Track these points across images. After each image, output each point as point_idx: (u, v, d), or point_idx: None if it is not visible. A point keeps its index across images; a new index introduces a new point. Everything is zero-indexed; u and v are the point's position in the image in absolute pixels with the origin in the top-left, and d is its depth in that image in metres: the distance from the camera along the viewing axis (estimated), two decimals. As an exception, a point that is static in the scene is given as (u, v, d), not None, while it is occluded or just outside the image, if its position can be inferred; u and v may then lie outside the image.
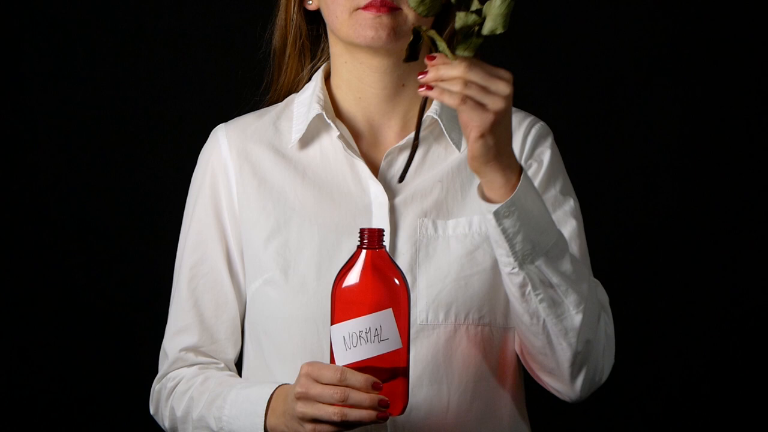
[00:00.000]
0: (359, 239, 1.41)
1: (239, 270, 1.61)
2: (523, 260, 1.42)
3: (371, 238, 1.41)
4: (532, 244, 1.42)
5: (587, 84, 2.62)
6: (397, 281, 1.41)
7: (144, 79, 2.54)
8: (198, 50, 2.54)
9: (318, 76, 1.62)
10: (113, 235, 2.54)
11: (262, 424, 1.47)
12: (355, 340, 1.38)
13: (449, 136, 1.58)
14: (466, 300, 1.51)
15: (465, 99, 1.33)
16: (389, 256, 1.42)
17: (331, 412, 1.36)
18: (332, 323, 1.40)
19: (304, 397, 1.38)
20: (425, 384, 1.52)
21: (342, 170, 1.57)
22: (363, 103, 1.59)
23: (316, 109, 1.57)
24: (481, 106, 1.34)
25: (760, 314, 2.65)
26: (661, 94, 2.64)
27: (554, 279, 1.44)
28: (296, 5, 1.62)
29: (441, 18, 1.59)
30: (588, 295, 1.48)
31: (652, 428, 2.68)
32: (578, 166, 1.72)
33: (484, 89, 1.33)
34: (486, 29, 1.32)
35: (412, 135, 1.56)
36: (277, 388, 1.48)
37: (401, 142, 1.57)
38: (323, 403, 1.37)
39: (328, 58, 1.63)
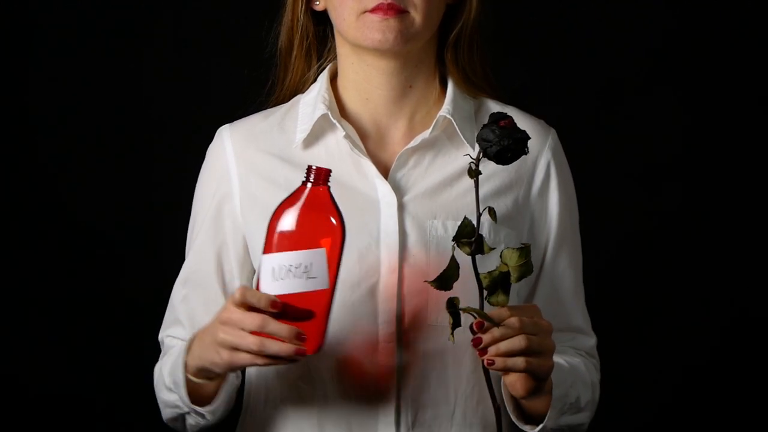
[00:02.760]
0: (305, 175, 1.41)
1: (235, 271, 1.62)
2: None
3: (318, 175, 1.41)
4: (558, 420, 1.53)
5: (587, 85, 2.62)
6: (334, 222, 1.41)
7: (149, 79, 2.54)
8: (203, 49, 2.54)
9: (324, 77, 1.62)
10: (118, 234, 2.54)
11: (182, 363, 1.49)
12: (284, 273, 1.39)
13: (462, 135, 1.58)
14: (475, 303, 1.51)
15: (528, 365, 1.40)
16: (332, 196, 1.42)
17: (251, 341, 1.38)
18: (264, 252, 1.41)
19: (227, 322, 1.39)
20: (432, 385, 1.53)
21: (348, 170, 1.57)
22: (370, 104, 1.59)
23: (322, 109, 1.58)
24: (538, 367, 1.42)
25: (760, 315, 2.66)
26: (661, 95, 2.64)
27: (567, 422, 1.55)
28: (303, 6, 1.62)
29: (446, 23, 1.60)
30: (590, 399, 1.59)
31: (650, 428, 2.69)
32: (578, 166, 1.72)
33: (540, 353, 1.41)
34: (514, 279, 1.41)
35: (423, 136, 1.57)
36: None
37: (413, 144, 1.57)
38: (244, 330, 1.38)
39: (335, 58, 1.64)
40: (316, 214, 1.41)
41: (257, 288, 1.41)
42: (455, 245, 1.40)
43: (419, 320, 1.52)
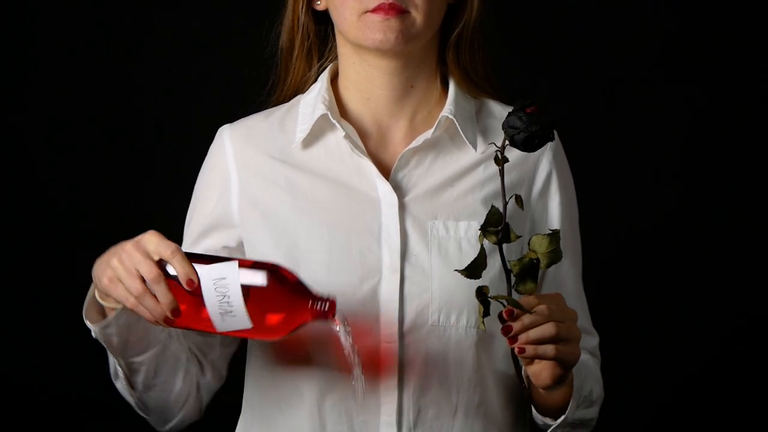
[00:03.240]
0: (323, 301, 1.39)
1: None
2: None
3: (323, 312, 1.39)
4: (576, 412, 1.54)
5: (587, 85, 2.62)
6: (280, 334, 1.40)
7: (149, 79, 2.53)
8: (203, 50, 2.54)
9: (324, 77, 1.62)
10: (118, 235, 2.53)
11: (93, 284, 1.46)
12: (220, 291, 1.37)
13: (464, 136, 1.58)
14: (478, 303, 1.51)
15: (558, 353, 1.40)
16: (303, 326, 1.40)
17: (134, 286, 1.37)
18: (240, 262, 1.38)
19: (128, 253, 1.39)
20: (434, 385, 1.53)
21: (348, 170, 1.56)
22: (371, 104, 1.59)
23: (321, 109, 1.57)
24: (567, 354, 1.41)
25: (761, 315, 2.66)
26: (661, 95, 2.64)
27: (580, 417, 1.55)
28: (304, 5, 1.62)
29: (447, 23, 1.60)
30: (599, 393, 1.59)
31: (650, 428, 2.69)
32: (578, 166, 1.73)
33: (568, 340, 1.41)
34: (544, 265, 1.40)
35: (425, 136, 1.57)
36: None
37: (415, 144, 1.57)
38: (135, 272, 1.37)
39: (336, 58, 1.63)
40: (290, 316, 1.39)
41: (200, 261, 1.39)
42: (482, 234, 1.39)
43: (421, 320, 1.52)
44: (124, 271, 1.39)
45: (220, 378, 1.63)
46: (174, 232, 1.75)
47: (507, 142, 1.38)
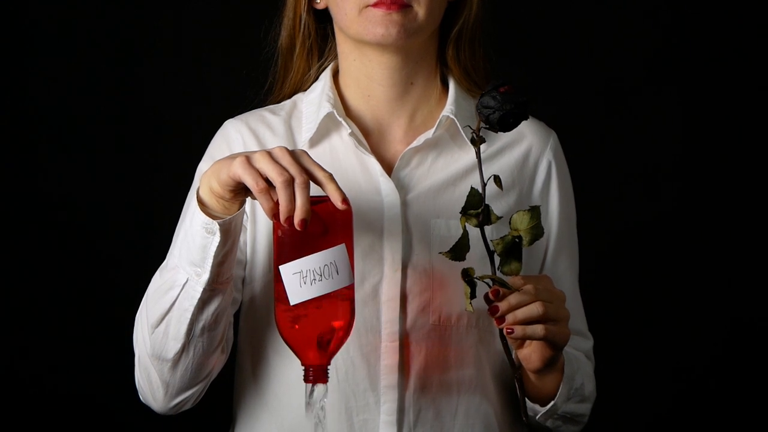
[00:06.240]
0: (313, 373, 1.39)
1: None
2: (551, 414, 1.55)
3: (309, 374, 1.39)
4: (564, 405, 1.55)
5: (587, 85, 2.62)
6: None
7: (147, 80, 2.53)
8: (202, 50, 2.53)
9: (326, 75, 1.61)
10: (115, 235, 2.53)
11: (196, 199, 1.40)
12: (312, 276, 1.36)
13: (465, 135, 1.57)
14: (479, 303, 1.49)
15: (547, 333, 1.40)
16: None
17: (279, 172, 1.30)
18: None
19: (277, 154, 1.33)
20: (435, 385, 1.52)
21: (352, 168, 1.56)
22: (372, 101, 1.58)
23: (327, 108, 1.57)
24: (557, 335, 1.41)
25: (759, 316, 2.66)
26: (661, 95, 2.64)
27: (570, 411, 1.56)
28: (305, 4, 1.61)
29: (447, 21, 1.60)
30: (591, 390, 1.60)
31: (649, 428, 2.69)
32: (577, 166, 1.73)
33: (557, 320, 1.41)
34: (527, 242, 1.40)
35: (426, 136, 1.57)
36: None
37: (416, 143, 1.56)
38: (281, 167, 1.32)
39: (335, 57, 1.63)
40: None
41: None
42: (463, 217, 1.39)
43: (422, 320, 1.51)
44: (268, 163, 1.32)
45: (227, 354, 1.57)
46: (173, 231, 1.76)
47: (482, 122, 1.37)
